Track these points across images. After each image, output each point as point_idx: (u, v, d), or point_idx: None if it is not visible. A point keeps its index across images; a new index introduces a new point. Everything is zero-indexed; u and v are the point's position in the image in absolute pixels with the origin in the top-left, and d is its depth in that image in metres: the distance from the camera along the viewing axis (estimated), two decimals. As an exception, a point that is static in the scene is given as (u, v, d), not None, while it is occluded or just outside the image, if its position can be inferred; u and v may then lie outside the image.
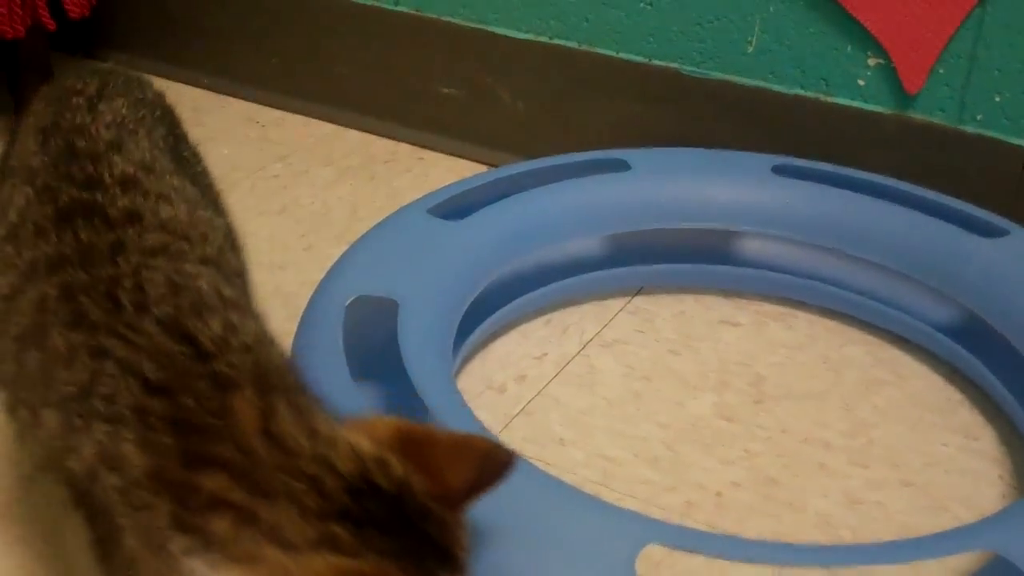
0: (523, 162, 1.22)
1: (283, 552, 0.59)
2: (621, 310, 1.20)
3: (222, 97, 1.64)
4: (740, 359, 1.14)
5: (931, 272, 1.10)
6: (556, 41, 1.40)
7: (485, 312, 1.12)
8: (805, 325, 1.19)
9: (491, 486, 0.66)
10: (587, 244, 1.21)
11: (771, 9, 1.26)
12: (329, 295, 0.98)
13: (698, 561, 0.85)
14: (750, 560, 0.76)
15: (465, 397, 0.93)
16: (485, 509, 0.67)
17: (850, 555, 0.78)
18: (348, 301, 0.96)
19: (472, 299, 1.06)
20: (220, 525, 0.60)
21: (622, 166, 1.20)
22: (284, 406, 0.64)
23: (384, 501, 0.62)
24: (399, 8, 1.49)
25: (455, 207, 1.13)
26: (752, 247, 1.22)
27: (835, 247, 1.16)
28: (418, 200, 1.14)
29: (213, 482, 0.61)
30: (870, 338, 1.18)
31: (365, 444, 0.63)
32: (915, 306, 1.16)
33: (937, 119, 1.22)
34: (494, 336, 1.16)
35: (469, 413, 0.87)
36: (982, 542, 0.76)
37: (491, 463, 0.67)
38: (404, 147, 1.51)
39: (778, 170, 1.20)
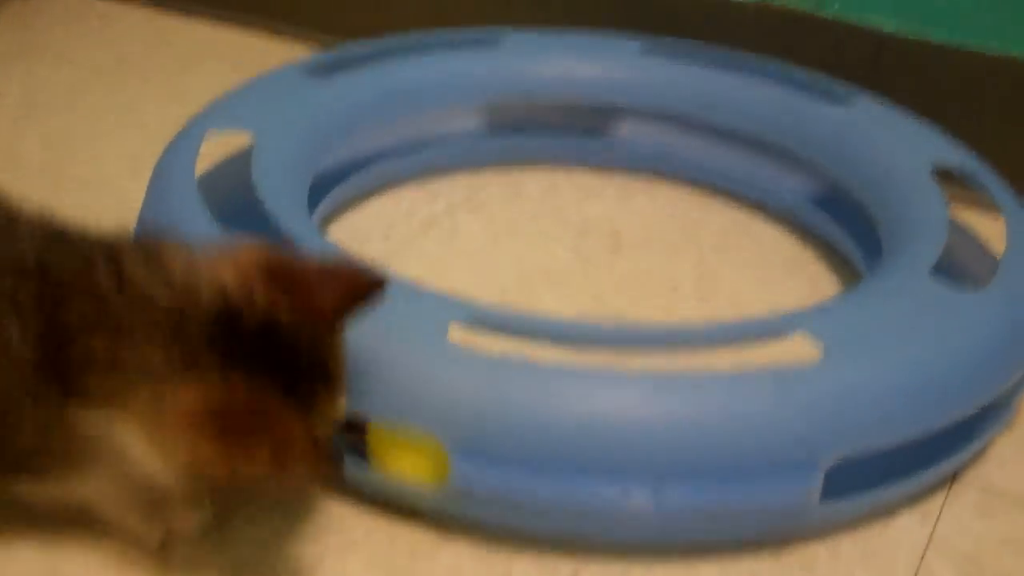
0: (396, 36, 1.25)
1: (152, 384, 0.63)
2: (492, 182, 1.24)
3: (126, 6, 1.66)
4: (602, 220, 1.18)
5: (785, 137, 1.14)
6: None
7: (355, 169, 1.16)
8: (669, 195, 1.24)
9: (361, 307, 0.69)
10: (462, 115, 1.24)
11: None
12: (186, 133, 1.01)
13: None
14: (554, 339, 0.79)
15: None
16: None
17: (650, 336, 0.81)
18: (203, 135, 0.99)
19: (334, 154, 1.09)
20: (93, 381, 0.64)
21: (491, 44, 1.23)
22: (131, 260, 0.67)
23: (251, 326, 0.65)
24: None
25: (330, 69, 1.16)
26: (621, 125, 1.26)
27: (699, 118, 1.20)
28: (299, 61, 1.17)
29: (79, 348, 0.64)
30: (732, 208, 1.22)
31: (228, 274, 0.66)
32: (772, 176, 1.20)
33: (796, 6, 1.26)
34: (367, 195, 1.19)
35: (326, 242, 0.90)
36: (793, 324, 0.80)
37: (361, 285, 0.69)
38: (305, 50, 1.54)
39: (646, 50, 1.24)
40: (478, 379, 0.74)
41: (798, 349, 0.79)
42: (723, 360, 0.78)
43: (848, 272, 1.10)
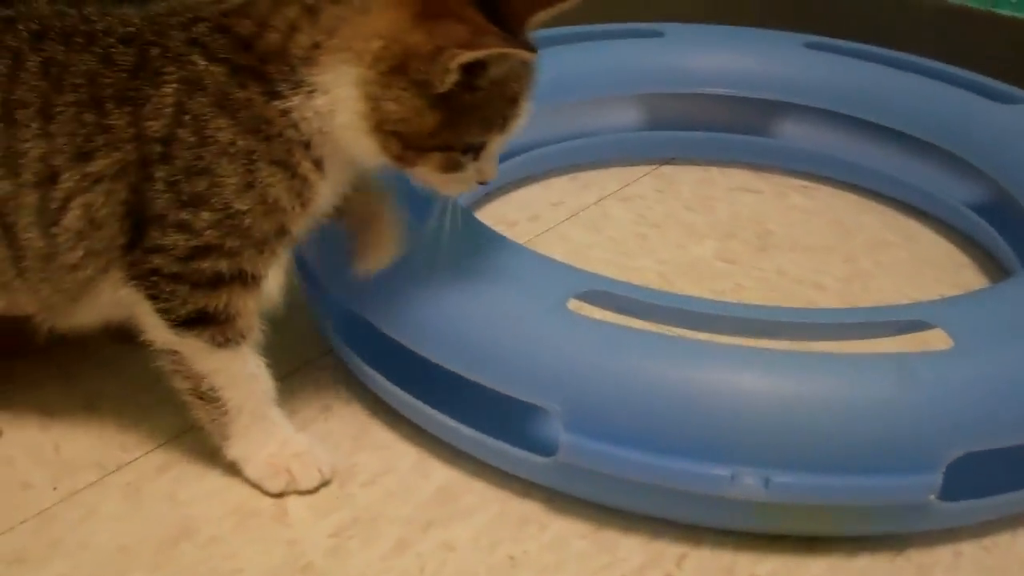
0: (559, 28, 1.26)
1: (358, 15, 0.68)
2: (646, 174, 1.24)
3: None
4: (753, 217, 1.16)
5: (948, 137, 1.11)
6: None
7: (508, 156, 1.17)
8: (826, 195, 1.21)
9: (553, 4, 0.70)
10: (619, 107, 1.24)
11: None
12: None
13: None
14: (671, 318, 0.78)
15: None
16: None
17: (770, 320, 0.79)
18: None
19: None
20: (300, 39, 0.69)
21: (656, 34, 1.23)
22: None
23: None
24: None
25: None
26: (782, 123, 1.24)
27: (860, 116, 1.17)
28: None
29: (274, 30, 0.70)
30: (888, 210, 1.19)
31: None
32: (935, 179, 1.16)
33: (973, 3, 1.22)
34: (518, 184, 1.20)
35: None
36: (922, 313, 0.77)
37: None
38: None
39: (811, 46, 1.21)
40: (591, 350, 0.74)
41: (930, 340, 0.76)
42: (849, 348, 0.76)
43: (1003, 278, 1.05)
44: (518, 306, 0.77)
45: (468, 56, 0.65)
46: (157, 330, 0.74)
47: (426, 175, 0.73)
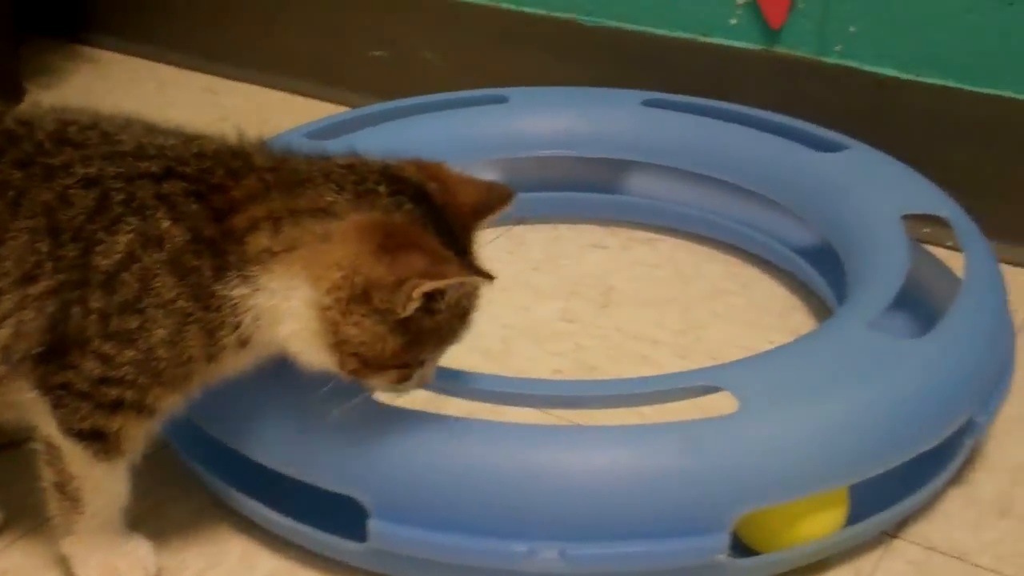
0: (407, 99, 1.29)
1: (322, 222, 0.71)
2: (499, 236, 1.27)
3: (185, 72, 1.75)
4: (599, 274, 1.20)
5: (775, 186, 1.15)
6: (469, 0, 1.48)
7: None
8: (669, 247, 1.25)
9: (494, 211, 0.76)
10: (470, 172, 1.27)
11: (650, -46, 1.33)
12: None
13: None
14: (471, 395, 0.82)
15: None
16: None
17: (562, 393, 0.83)
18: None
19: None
20: (258, 239, 0.71)
21: (500, 100, 1.27)
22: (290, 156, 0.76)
23: (410, 186, 0.73)
24: (336, -22, 1.58)
25: (334, 132, 1.21)
26: (625, 179, 1.28)
27: (696, 170, 1.21)
28: (300, 126, 1.22)
29: (243, 217, 0.72)
30: (729, 258, 1.23)
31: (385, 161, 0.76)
32: (769, 227, 1.20)
33: (800, 52, 1.27)
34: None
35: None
36: (710, 378, 0.81)
37: (494, 192, 0.77)
38: (340, 110, 1.60)
39: (648, 103, 1.26)
40: (392, 438, 0.77)
41: (719, 404, 0.80)
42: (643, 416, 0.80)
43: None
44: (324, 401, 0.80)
45: (430, 286, 0.69)
46: (49, 427, 0.76)
47: (377, 385, 0.76)
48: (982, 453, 0.94)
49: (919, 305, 0.99)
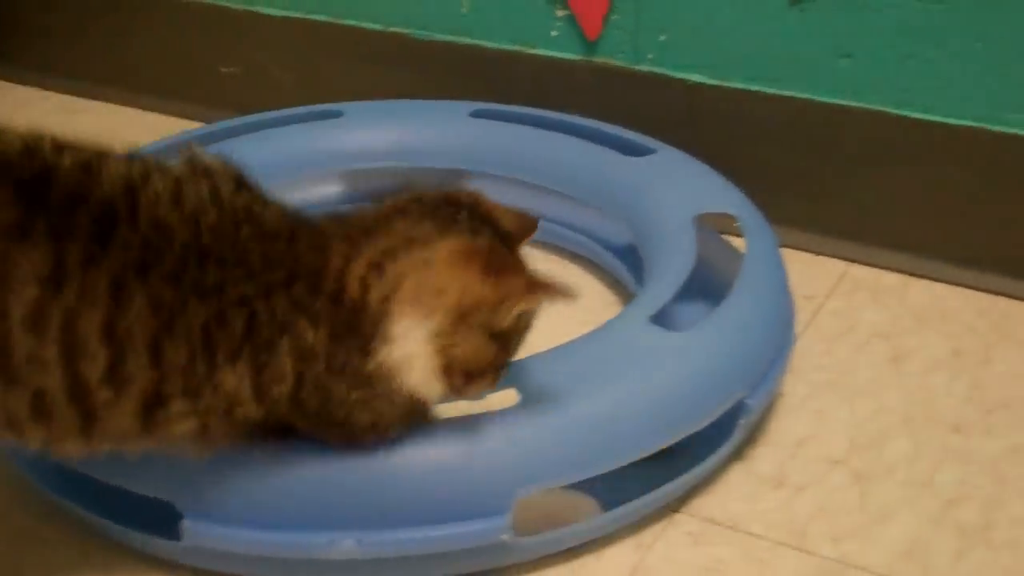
0: (239, 117, 1.35)
1: (419, 250, 0.76)
2: (340, 244, 1.33)
3: (41, 91, 1.79)
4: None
5: (589, 191, 1.23)
6: (312, 16, 1.54)
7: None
8: (500, 249, 1.32)
9: (528, 237, 0.84)
10: (298, 184, 1.33)
11: (476, -27, 1.40)
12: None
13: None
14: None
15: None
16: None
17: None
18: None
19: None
20: (373, 293, 0.76)
21: (334, 114, 1.33)
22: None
23: (476, 214, 0.79)
24: (185, -3, 1.64)
25: (174, 152, 1.26)
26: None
27: (516, 177, 1.28)
28: (143, 146, 1.27)
29: (353, 282, 0.76)
30: (556, 258, 1.30)
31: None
32: (591, 227, 1.28)
33: (617, 61, 1.35)
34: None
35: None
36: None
37: (526, 221, 0.85)
38: (193, 125, 1.65)
39: (475, 114, 1.33)
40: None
41: (503, 400, 0.87)
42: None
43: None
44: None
45: (530, 304, 0.79)
46: None
47: (474, 394, 0.82)
48: (764, 430, 1.02)
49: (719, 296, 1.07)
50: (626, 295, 1.22)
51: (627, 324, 0.94)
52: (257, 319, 0.74)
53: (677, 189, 1.14)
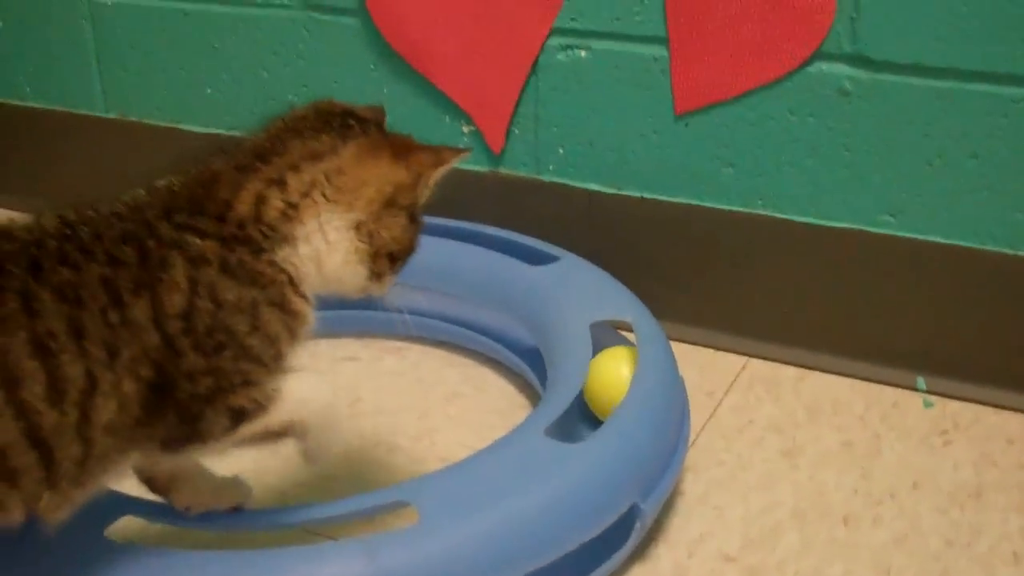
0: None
1: (324, 161, 0.86)
2: (262, 356, 1.38)
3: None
4: (349, 385, 1.32)
5: (495, 299, 1.29)
6: (232, 132, 1.61)
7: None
8: (415, 355, 1.38)
9: (384, 119, 0.93)
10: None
11: (385, 91, 1.47)
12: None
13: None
14: (197, 526, 0.93)
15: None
16: None
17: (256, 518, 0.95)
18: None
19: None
20: (270, 206, 0.85)
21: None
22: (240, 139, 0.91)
23: (371, 122, 0.91)
24: (109, 115, 1.69)
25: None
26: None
27: (430, 287, 1.35)
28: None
29: (243, 201, 0.84)
30: (468, 361, 1.36)
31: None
32: (501, 332, 1.35)
33: (521, 172, 1.42)
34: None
35: None
36: (397, 495, 0.94)
37: (376, 108, 0.94)
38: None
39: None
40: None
41: (403, 519, 0.92)
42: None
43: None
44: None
45: (441, 170, 0.90)
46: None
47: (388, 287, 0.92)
48: (664, 527, 1.08)
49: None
50: (533, 394, 1.28)
51: (523, 438, 1.00)
52: (145, 246, 0.79)
53: (576, 297, 1.21)
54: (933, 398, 1.28)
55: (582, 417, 1.13)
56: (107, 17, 1.64)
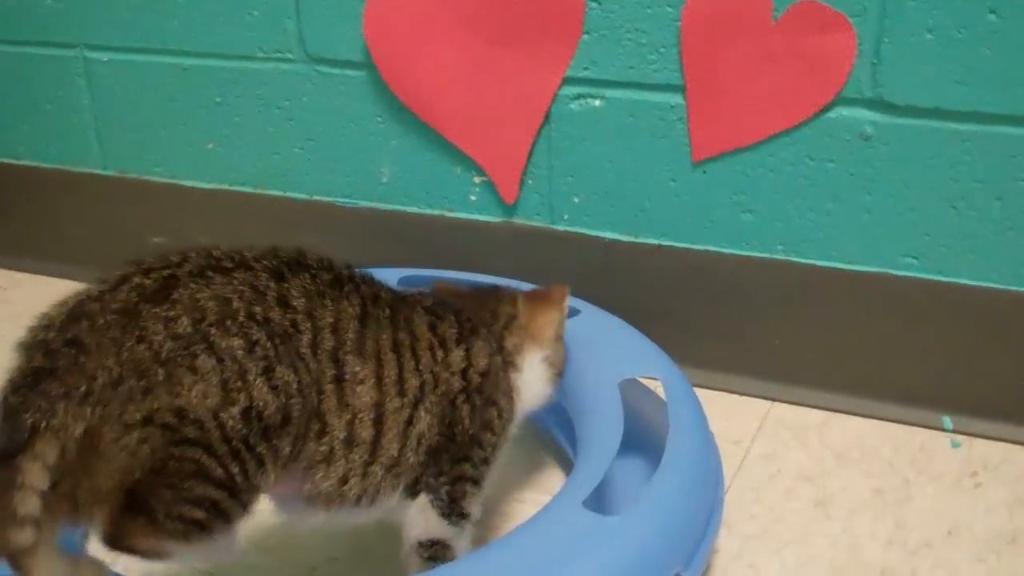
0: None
1: (510, 311, 1.10)
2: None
3: (-29, 269, 1.81)
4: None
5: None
6: (235, 188, 1.59)
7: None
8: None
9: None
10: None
11: (393, 143, 1.45)
12: None
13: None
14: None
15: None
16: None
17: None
18: None
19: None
20: (508, 340, 1.10)
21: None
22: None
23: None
24: (108, 172, 1.67)
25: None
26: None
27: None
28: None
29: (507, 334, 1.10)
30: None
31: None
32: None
33: (535, 222, 1.40)
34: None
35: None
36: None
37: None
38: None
39: (403, 281, 1.37)
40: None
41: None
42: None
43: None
44: None
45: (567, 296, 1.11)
46: (427, 524, 0.99)
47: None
48: (706, 590, 1.07)
49: (655, 448, 1.12)
50: (560, 455, 1.27)
51: (562, 512, 0.98)
52: (460, 318, 1.05)
53: (601, 353, 1.19)
54: (961, 438, 1.27)
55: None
56: (102, 74, 1.62)
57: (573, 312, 1.27)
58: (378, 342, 0.95)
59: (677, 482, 1.02)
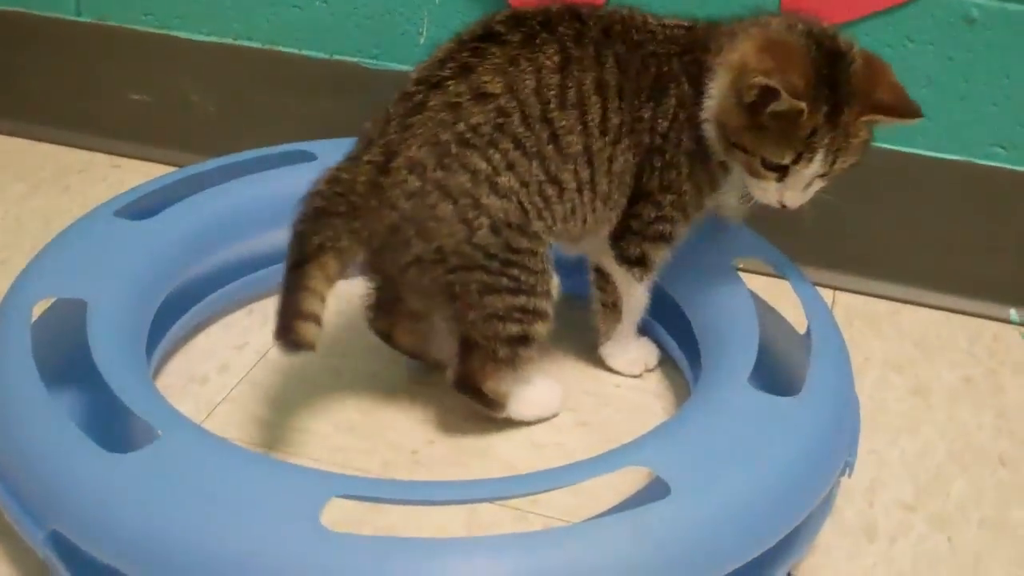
0: (212, 159, 1.25)
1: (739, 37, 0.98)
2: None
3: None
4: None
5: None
6: (240, 42, 1.44)
7: (183, 307, 1.16)
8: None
9: (891, 116, 0.98)
10: (280, 235, 1.25)
11: (437, 2, 1.33)
12: (14, 301, 0.99)
13: (388, 511, 0.92)
14: (419, 501, 0.83)
15: (168, 392, 0.98)
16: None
17: (507, 486, 0.86)
18: (34, 304, 0.98)
19: (165, 296, 1.09)
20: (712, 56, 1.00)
21: (308, 157, 1.24)
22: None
23: (824, 44, 0.97)
24: (82, 18, 1.49)
25: (143, 208, 1.16)
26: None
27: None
28: (105, 203, 1.16)
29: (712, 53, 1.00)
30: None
31: None
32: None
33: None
34: (197, 329, 1.20)
35: (169, 407, 0.91)
36: (633, 459, 0.85)
37: (906, 105, 0.98)
38: (99, 156, 1.52)
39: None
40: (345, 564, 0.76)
41: (641, 481, 0.84)
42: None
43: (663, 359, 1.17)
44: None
45: (762, 80, 0.90)
46: (605, 260, 1.08)
47: (741, 168, 0.99)
48: (835, 481, 1.03)
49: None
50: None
51: (730, 393, 0.92)
52: (661, 71, 1.00)
53: (711, 236, 1.13)
54: (1027, 330, 1.28)
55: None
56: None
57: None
58: (580, 87, 0.97)
59: (833, 367, 0.98)
